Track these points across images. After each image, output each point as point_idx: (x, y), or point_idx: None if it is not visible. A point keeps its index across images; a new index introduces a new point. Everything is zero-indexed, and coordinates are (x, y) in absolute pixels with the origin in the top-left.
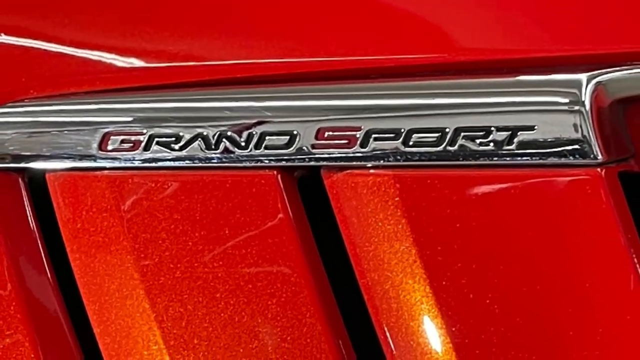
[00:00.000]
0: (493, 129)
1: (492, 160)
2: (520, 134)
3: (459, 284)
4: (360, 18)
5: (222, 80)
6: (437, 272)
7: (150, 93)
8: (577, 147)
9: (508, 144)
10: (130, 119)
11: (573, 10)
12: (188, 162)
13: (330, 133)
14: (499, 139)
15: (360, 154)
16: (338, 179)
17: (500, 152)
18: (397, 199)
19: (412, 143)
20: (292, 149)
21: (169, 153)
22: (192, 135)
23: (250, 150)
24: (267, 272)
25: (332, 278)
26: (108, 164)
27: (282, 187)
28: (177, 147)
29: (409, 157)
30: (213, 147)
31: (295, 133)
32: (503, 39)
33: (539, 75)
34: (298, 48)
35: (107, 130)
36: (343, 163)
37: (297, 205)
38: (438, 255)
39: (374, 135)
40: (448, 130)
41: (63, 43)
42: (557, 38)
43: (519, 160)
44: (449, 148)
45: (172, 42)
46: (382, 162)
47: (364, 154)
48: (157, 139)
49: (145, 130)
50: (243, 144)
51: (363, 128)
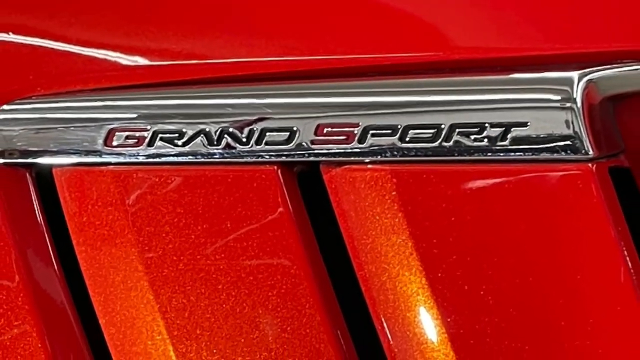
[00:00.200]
0: (487, 125)
1: (486, 156)
2: (514, 130)
3: (454, 276)
4: (358, 18)
5: (223, 78)
6: (432, 264)
7: (154, 90)
8: (568, 142)
9: (502, 140)
10: (135, 116)
11: (565, 10)
12: (191, 157)
13: (329, 129)
14: (493, 135)
15: (358, 150)
16: (336, 174)
17: (494, 147)
18: (394, 193)
19: (408, 139)
20: (292, 145)
21: (172, 149)
22: (194, 132)
23: (251, 146)
24: (267, 264)
25: (330, 270)
26: (113, 159)
27: (282, 181)
28: (180, 143)
29: (406, 152)
30: (215, 142)
31: (295, 129)
32: (497, 38)
33: (532, 73)
34: (298, 47)
35: (112, 127)
36: (341, 158)
37: (296, 200)
38: (434, 248)
39: (372, 132)
40: (443, 127)
41: (69, 42)
42: (549, 37)
43: (512, 156)
44: (445, 144)
45: (175, 41)
46: (379, 157)
47: (362, 150)
48: (160, 135)
49: (149, 127)
50: (244, 140)
51: (361, 124)
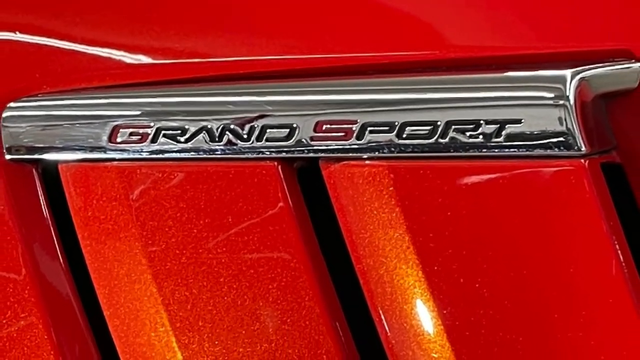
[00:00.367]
0: (482, 122)
1: (481, 152)
2: (508, 127)
3: (450, 269)
4: (357, 18)
5: (225, 76)
6: (429, 257)
7: (157, 88)
8: (562, 139)
9: (496, 137)
10: (139, 113)
11: (558, 10)
12: (193, 153)
13: (328, 126)
14: (488, 132)
15: (357, 146)
16: (335, 170)
17: (489, 144)
18: (391, 189)
19: (405, 135)
20: (291, 141)
21: (175, 145)
22: (197, 128)
23: (252, 143)
24: (268, 257)
25: (329, 263)
26: (117, 156)
27: (282, 177)
28: (182, 139)
29: (403, 148)
30: (217, 139)
31: (295, 126)
32: (492, 37)
33: (526, 71)
34: (297, 46)
35: (116, 124)
36: (340, 154)
37: (296, 195)
38: (430, 242)
39: (370, 128)
40: (439, 124)
41: (74, 41)
42: (543, 36)
43: (507, 152)
44: (441, 140)
45: (177, 39)
46: (377, 153)
47: (360, 146)
48: (163, 132)
49: (153, 124)
50: (245, 137)
51: (359, 121)
